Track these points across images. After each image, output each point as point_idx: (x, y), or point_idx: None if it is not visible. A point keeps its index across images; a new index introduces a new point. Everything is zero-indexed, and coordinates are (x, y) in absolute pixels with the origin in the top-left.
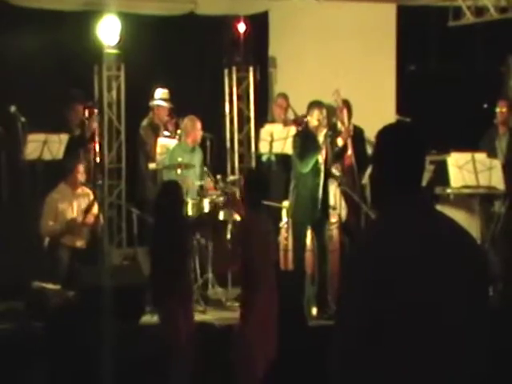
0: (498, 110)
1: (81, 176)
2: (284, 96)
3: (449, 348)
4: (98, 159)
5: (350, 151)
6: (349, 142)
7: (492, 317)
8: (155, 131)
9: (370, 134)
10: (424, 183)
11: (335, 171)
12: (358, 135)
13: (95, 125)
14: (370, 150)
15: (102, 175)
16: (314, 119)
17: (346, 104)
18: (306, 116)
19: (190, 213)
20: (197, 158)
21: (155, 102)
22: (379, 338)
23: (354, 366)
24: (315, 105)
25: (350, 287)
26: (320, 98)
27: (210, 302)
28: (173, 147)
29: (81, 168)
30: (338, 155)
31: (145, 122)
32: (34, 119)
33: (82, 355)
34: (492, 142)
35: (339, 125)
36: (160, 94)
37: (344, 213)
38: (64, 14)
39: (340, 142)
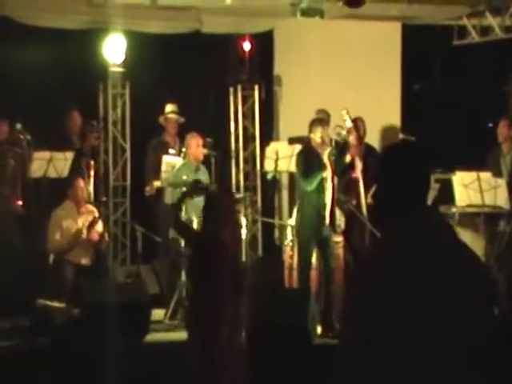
0: (499, 129)
1: (81, 191)
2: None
3: (454, 367)
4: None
5: (358, 170)
6: (357, 160)
7: (497, 335)
8: (162, 149)
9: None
10: (429, 202)
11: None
12: (369, 154)
13: (96, 141)
14: None
15: (107, 193)
16: (317, 137)
17: (357, 122)
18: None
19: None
20: (201, 177)
21: (167, 116)
22: (383, 356)
23: None
24: (318, 122)
25: (354, 308)
26: (325, 117)
27: None
28: (178, 166)
29: (81, 183)
30: (343, 172)
31: (152, 143)
32: (40, 137)
33: (87, 372)
34: (497, 160)
35: (351, 141)
36: (169, 108)
37: (342, 222)
38: (69, 32)
39: (348, 158)
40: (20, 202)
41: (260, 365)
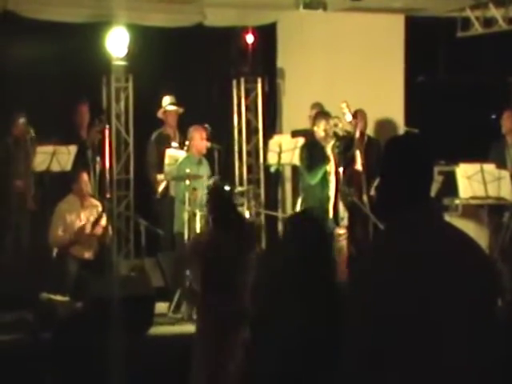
0: (503, 120)
1: (86, 185)
2: None
3: (456, 363)
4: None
5: (358, 162)
6: (357, 152)
7: (501, 328)
8: (164, 142)
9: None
10: (433, 194)
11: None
12: (372, 146)
13: (97, 135)
14: None
15: (110, 186)
16: (320, 130)
17: (358, 114)
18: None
19: (198, 224)
20: (204, 170)
21: (167, 108)
22: (385, 357)
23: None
24: (322, 115)
25: (355, 306)
26: (328, 109)
27: None
28: (181, 159)
29: (85, 177)
30: (346, 165)
31: (153, 136)
32: (43, 130)
33: (90, 366)
34: (501, 152)
35: (357, 135)
36: (167, 100)
37: (345, 218)
38: (73, 26)
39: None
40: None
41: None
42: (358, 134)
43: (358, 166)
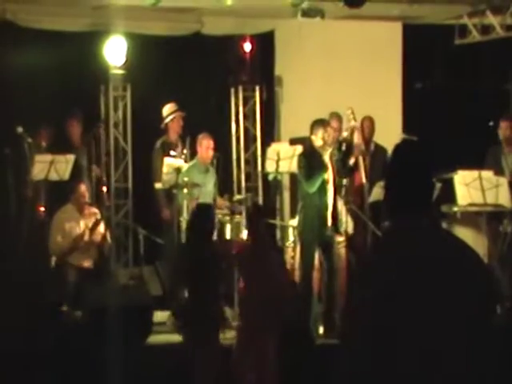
0: (500, 129)
1: (84, 196)
2: None
3: (454, 368)
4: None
5: (361, 170)
6: (360, 160)
7: (500, 335)
8: (167, 151)
9: None
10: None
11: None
12: (378, 154)
13: (92, 141)
14: None
15: (108, 195)
16: (318, 138)
17: (365, 120)
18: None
19: None
20: (210, 178)
21: (169, 118)
22: (383, 361)
23: None
24: (319, 123)
25: (355, 312)
26: (326, 117)
27: None
28: (188, 166)
29: (83, 188)
30: (347, 173)
31: (158, 144)
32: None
33: (89, 375)
34: (498, 160)
35: (355, 141)
36: (168, 109)
37: (350, 227)
38: (70, 35)
39: (352, 160)
40: (42, 208)
41: None
42: (356, 140)
43: (361, 174)
